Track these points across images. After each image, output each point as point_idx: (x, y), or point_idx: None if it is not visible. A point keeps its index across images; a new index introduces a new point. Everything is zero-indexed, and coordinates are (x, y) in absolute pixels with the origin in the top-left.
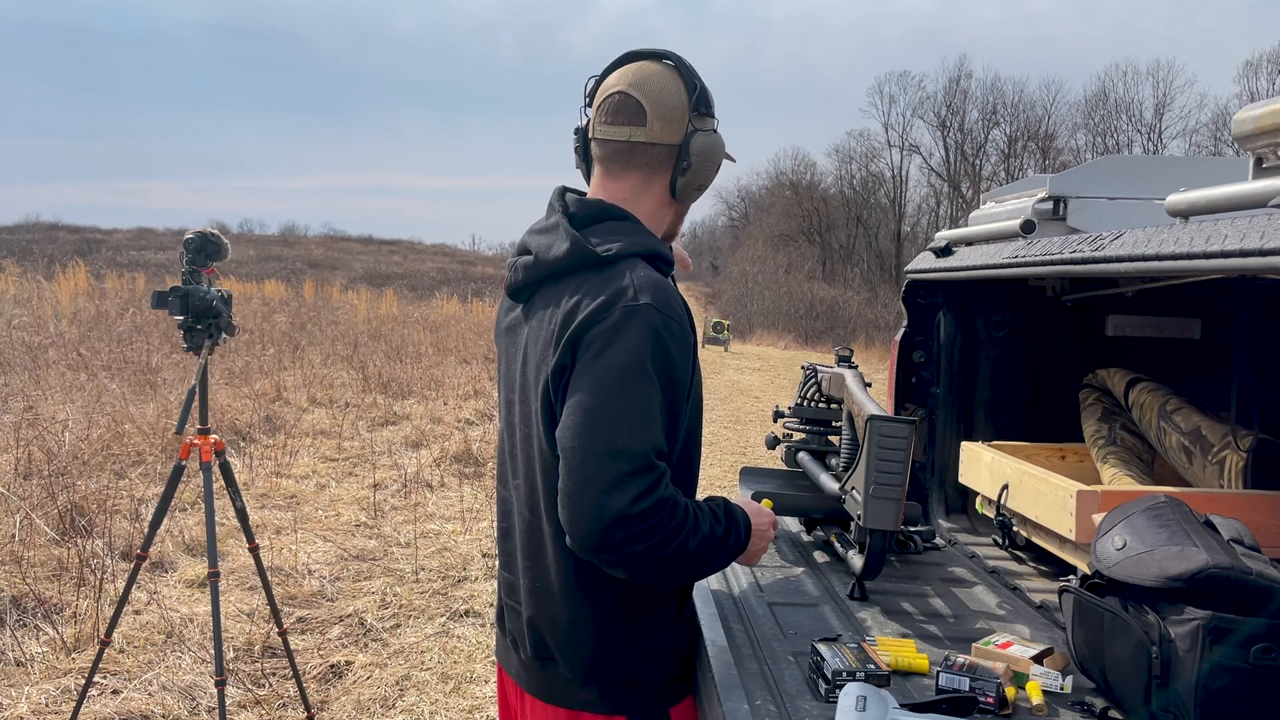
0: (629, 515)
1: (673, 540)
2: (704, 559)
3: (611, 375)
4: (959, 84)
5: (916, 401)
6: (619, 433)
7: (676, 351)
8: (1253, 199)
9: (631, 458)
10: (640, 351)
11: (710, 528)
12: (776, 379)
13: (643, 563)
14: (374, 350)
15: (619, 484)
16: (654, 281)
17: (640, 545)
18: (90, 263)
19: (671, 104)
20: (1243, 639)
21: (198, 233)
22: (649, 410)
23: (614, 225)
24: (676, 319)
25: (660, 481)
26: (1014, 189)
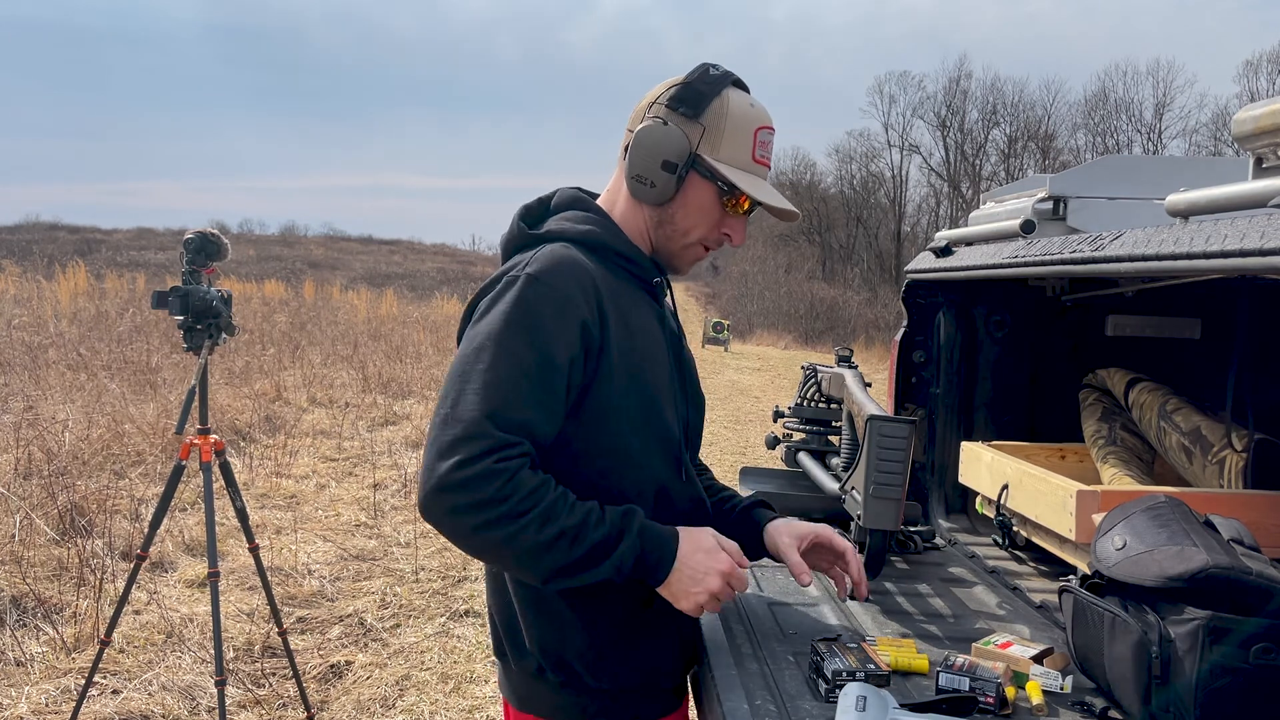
0: (451, 481)
1: (507, 522)
2: (557, 557)
3: (472, 341)
4: (959, 84)
5: (916, 401)
6: (461, 397)
7: (554, 324)
8: (1253, 199)
9: (466, 423)
10: (504, 319)
11: (576, 527)
12: (776, 379)
13: (472, 540)
14: (374, 350)
15: (450, 448)
16: (555, 257)
17: (465, 519)
18: (90, 263)
19: (647, 97)
20: (1243, 639)
21: (198, 233)
22: (499, 378)
23: (571, 214)
24: (559, 291)
25: (495, 452)
26: (1014, 189)
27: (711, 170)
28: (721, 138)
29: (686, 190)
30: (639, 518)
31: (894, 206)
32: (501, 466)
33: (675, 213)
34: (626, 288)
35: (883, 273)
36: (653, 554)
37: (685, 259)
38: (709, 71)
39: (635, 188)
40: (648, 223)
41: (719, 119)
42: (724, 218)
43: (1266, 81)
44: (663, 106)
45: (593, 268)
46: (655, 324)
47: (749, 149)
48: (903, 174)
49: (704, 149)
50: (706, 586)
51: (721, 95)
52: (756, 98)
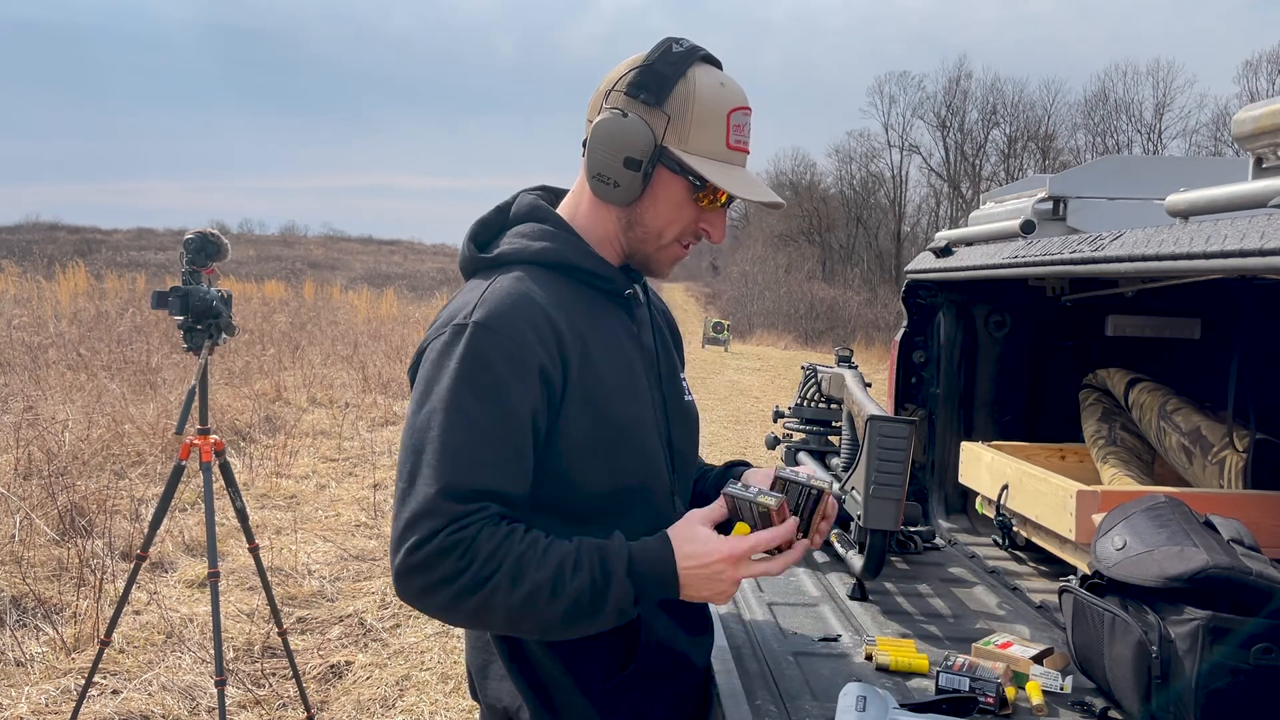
0: (411, 565)
1: (473, 590)
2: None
3: (422, 404)
4: (959, 84)
5: (916, 401)
6: (415, 472)
7: (509, 376)
8: (1253, 199)
9: (420, 501)
10: (453, 376)
11: (551, 579)
12: (776, 379)
13: (455, 613)
14: (374, 350)
15: (406, 529)
16: (504, 296)
17: (434, 598)
18: (90, 263)
19: (603, 84)
20: (1243, 639)
21: (198, 233)
22: (453, 445)
23: (527, 228)
24: (511, 338)
25: (447, 526)
26: (1014, 189)
27: (680, 163)
28: (689, 126)
29: (655, 187)
30: (621, 554)
31: (894, 207)
32: (457, 538)
33: (644, 213)
34: (592, 309)
35: (883, 273)
36: (651, 584)
37: (662, 260)
38: (671, 49)
39: (598, 187)
40: (616, 225)
41: (685, 105)
42: (700, 213)
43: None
44: (621, 95)
45: (549, 297)
46: (628, 345)
47: (722, 135)
48: (903, 174)
49: (670, 140)
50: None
51: (687, 76)
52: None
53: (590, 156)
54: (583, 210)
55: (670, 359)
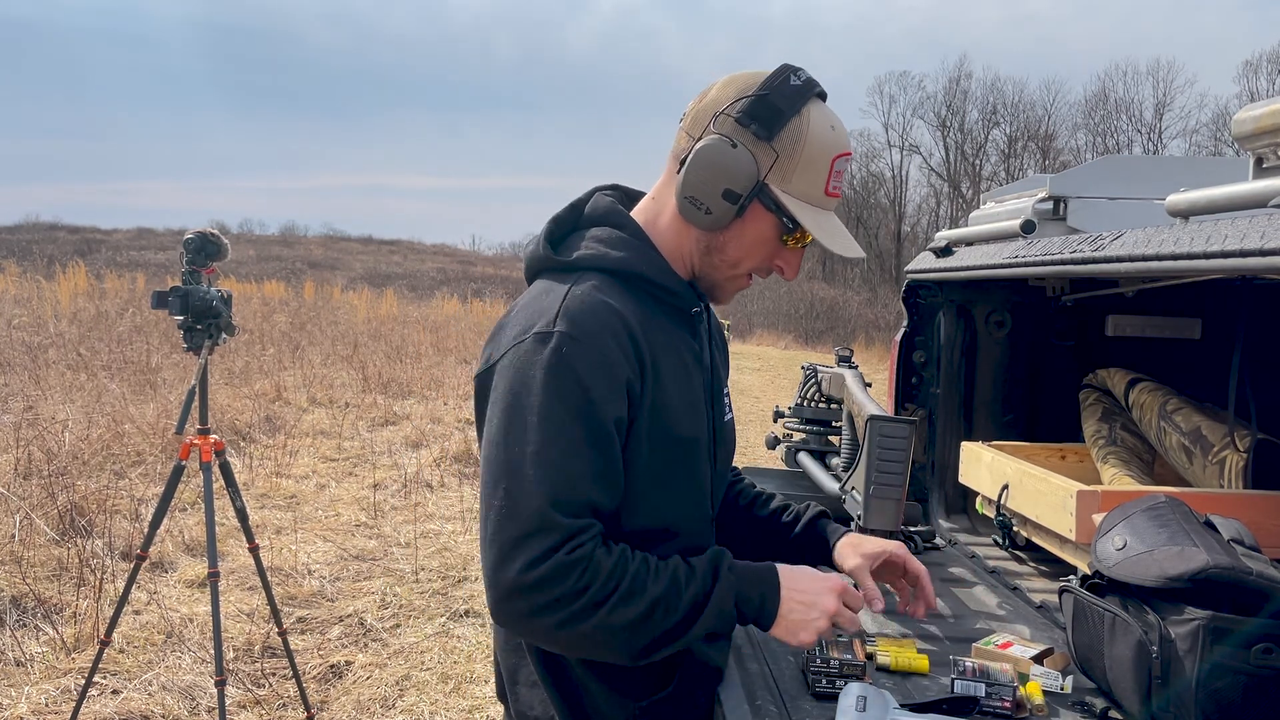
0: (523, 584)
1: (592, 610)
2: (653, 628)
3: (510, 417)
4: (959, 84)
5: (916, 401)
6: (516, 487)
7: (599, 388)
8: (1253, 199)
9: (527, 516)
10: (544, 389)
11: (666, 593)
12: (776, 379)
13: (558, 638)
14: (374, 350)
15: (514, 548)
16: (587, 307)
17: (546, 618)
18: (90, 263)
19: (713, 99)
20: (1243, 639)
21: (198, 233)
22: (553, 458)
23: (604, 234)
24: (599, 351)
25: (566, 543)
26: (1014, 189)
27: (777, 203)
28: (795, 167)
29: (745, 220)
30: (728, 560)
31: (894, 206)
32: (576, 556)
33: (728, 242)
34: (663, 324)
35: (883, 273)
36: (755, 593)
37: (729, 289)
38: (789, 80)
39: (687, 209)
40: (694, 246)
41: (795, 145)
42: (779, 250)
43: (1266, 81)
44: (731, 120)
45: (627, 309)
46: (691, 363)
47: (823, 181)
48: (903, 174)
49: (773, 178)
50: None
51: (801, 114)
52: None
53: (687, 178)
54: (662, 223)
55: (719, 377)
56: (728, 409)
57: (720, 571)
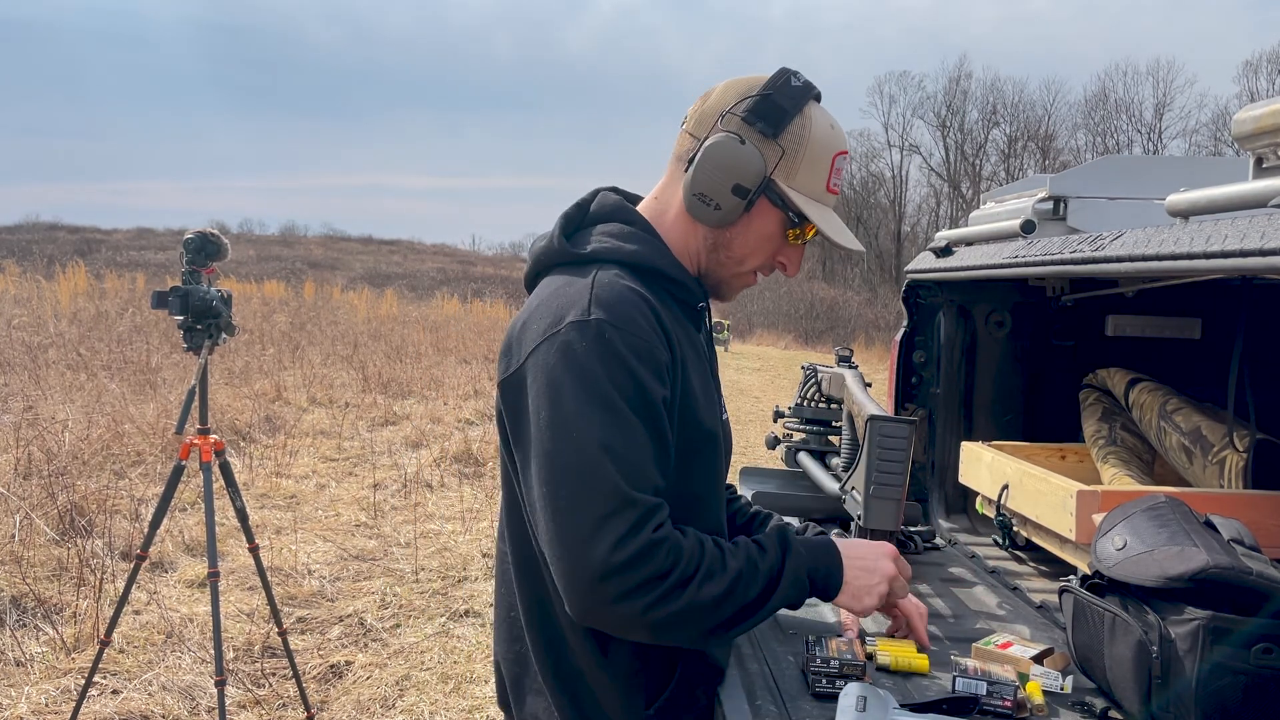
0: (613, 565)
1: (679, 590)
2: (740, 598)
3: (560, 410)
4: (959, 84)
5: (916, 401)
6: (587, 472)
7: (643, 370)
8: (1253, 199)
9: (605, 496)
10: (598, 377)
11: (745, 565)
12: (776, 379)
13: (646, 622)
14: (374, 350)
15: (595, 531)
16: (617, 294)
17: (638, 601)
18: (90, 263)
19: (717, 100)
20: (1243, 639)
21: (198, 233)
22: (618, 441)
23: (615, 228)
24: (637, 334)
25: (648, 520)
26: (1014, 189)
27: (783, 198)
28: (799, 164)
29: (752, 216)
30: (793, 534)
31: (894, 206)
32: (661, 535)
33: (734, 238)
34: (676, 316)
35: (883, 273)
36: (822, 564)
37: (735, 286)
38: (790, 82)
39: (696, 206)
40: (701, 244)
41: (799, 142)
42: (783, 246)
43: (1266, 81)
44: (738, 118)
45: (654, 301)
46: (702, 358)
47: (825, 177)
48: (903, 174)
49: (779, 174)
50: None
51: (804, 114)
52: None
53: (696, 175)
54: (669, 220)
55: (717, 375)
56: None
57: (791, 545)
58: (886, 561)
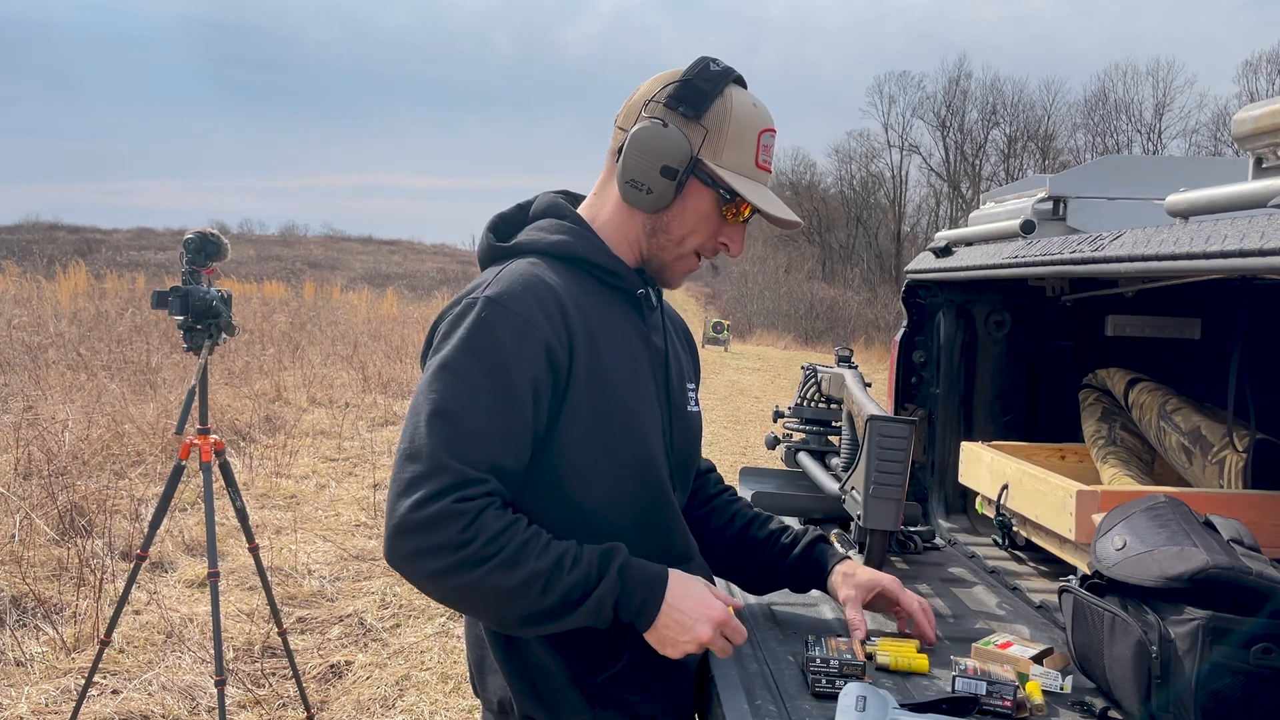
0: (410, 522)
1: (469, 567)
2: (527, 604)
3: (430, 371)
4: (958, 84)
5: (916, 401)
6: (418, 432)
7: (514, 349)
8: (1253, 199)
9: (423, 458)
10: (461, 346)
11: (548, 571)
12: (776, 379)
13: (434, 587)
14: (374, 350)
15: (409, 486)
16: (516, 276)
17: (426, 563)
18: (90, 263)
19: (642, 93)
20: (1243, 639)
21: (198, 233)
22: (458, 409)
23: (545, 223)
24: (519, 313)
25: (456, 489)
26: (1014, 189)
27: (713, 176)
28: (724, 141)
29: (685, 197)
30: (621, 556)
31: (894, 206)
32: (464, 507)
33: (671, 221)
34: (603, 302)
35: (883, 273)
36: (636, 597)
37: (678, 270)
38: (709, 67)
39: (629, 193)
40: (640, 231)
41: (722, 121)
42: (722, 226)
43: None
44: (660, 105)
45: (561, 284)
46: (636, 342)
47: (752, 153)
48: (903, 174)
49: (705, 153)
50: (696, 635)
51: (724, 94)
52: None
53: (625, 162)
54: (606, 212)
55: (680, 366)
56: (692, 402)
57: (609, 568)
58: (705, 627)
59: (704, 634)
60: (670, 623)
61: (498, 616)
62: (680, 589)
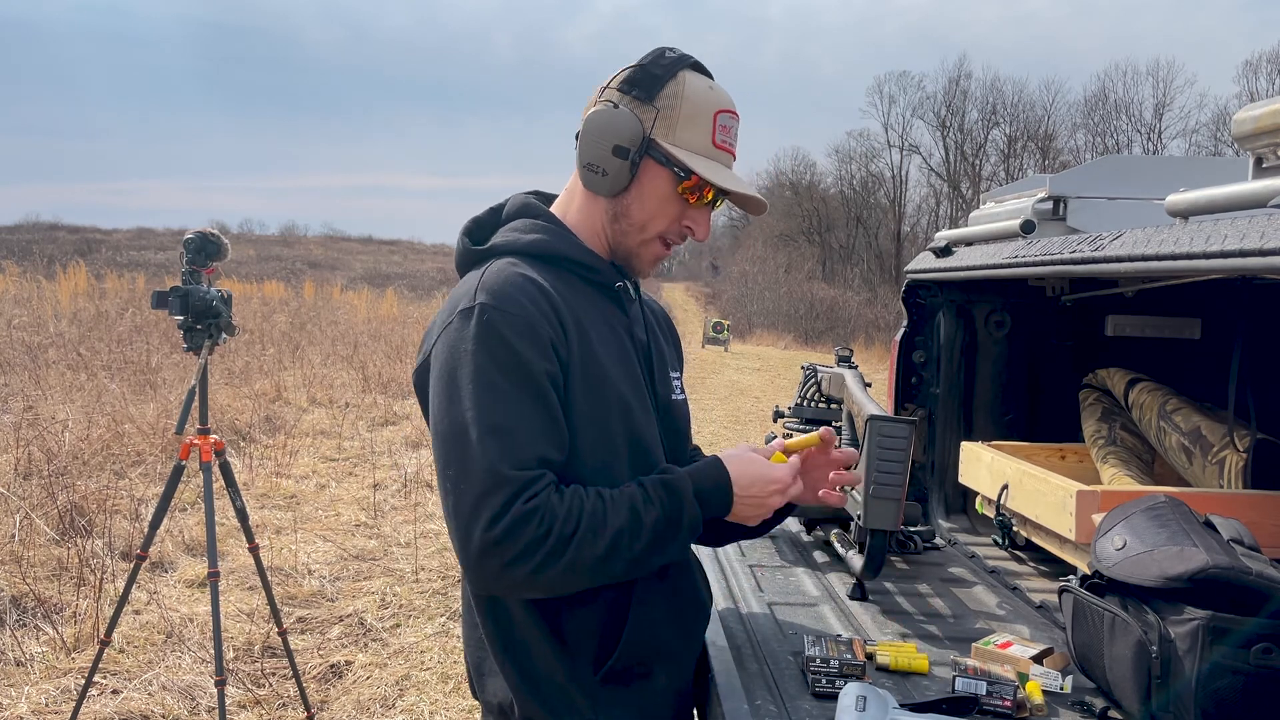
0: (489, 541)
1: (563, 551)
2: (625, 553)
3: (449, 390)
4: (958, 84)
5: (916, 401)
6: (465, 454)
7: (525, 348)
8: (1253, 199)
9: (479, 477)
10: (474, 358)
11: (629, 521)
12: (776, 379)
13: (538, 583)
14: (374, 350)
15: (474, 510)
16: (504, 278)
17: (521, 568)
18: (90, 263)
19: (602, 83)
20: (1243, 639)
21: (198, 233)
22: (495, 421)
23: (519, 223)
24: (518, 314)
25: (519, 495)
26: (1014, 189)
27: (667, 155)
28: (677, 121)
29: (642, 179)
30: (684, 481)
31: (894, 206)
32: (531, 505)
33: (631, 204)
34: (585, 298)
35: (883, 273)
36: (713, 506)
37: (644, 257)
38: (664, 54)
39: (587, 177)
40: (604, 217)
41: (674, 101)
42: (685, 210)
43: (1266, 81)
44: (615, 90)
45: (545, 281)
46: (619, 334)
47: (708, 133)
48: (903, 174)
49: (659, 133)
50: (772, 507)
51: (677, 78)
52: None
53: (581, 146)
54: (574, 206)
55: (662, 356)
56: (677, 390)
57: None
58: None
59: (776, 504)
60: (747, 508)
61: (609, 578)
62: (744, 477)
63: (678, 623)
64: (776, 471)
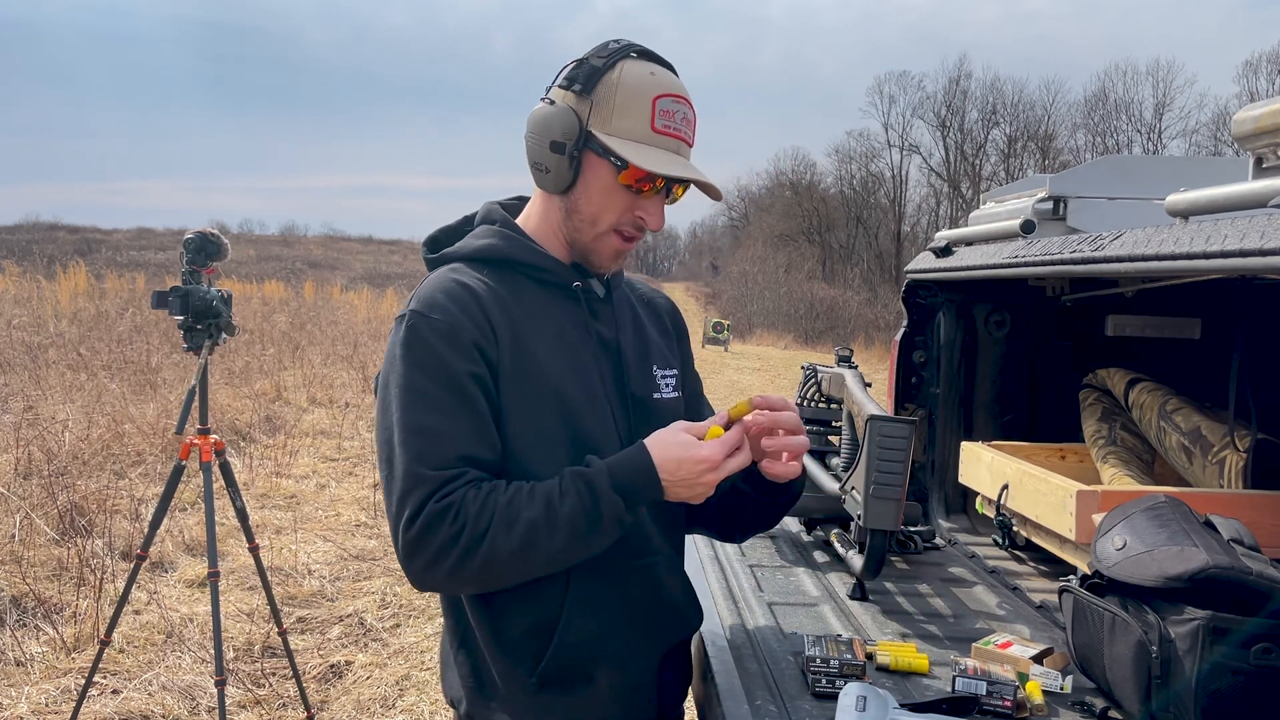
0: (410, 539)
1: (477, 546)
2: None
3: (383, 397)
4: (958, 84)
5: (916, 401)
6: (390, 456)
7: (448, 352)
8: (1253, 199)
9: (400, 478)
10: (401, 362)
11: (542, 514)
12: (776, 379)
13: (463, 579)
14: (374, 350)
15: (398, 509)
16: (434, 286)
17: (441, 566)
18: (90, 263)
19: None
20: (1243, 639)
21: (198, 233)
22: (416, 423)
23: (478, 230)
24: (442, 320)
25: (433, 494)
26: (1014, 189)
27: (604, 146)
28: (613, 110)
29: (585, 173)
30: (601, 472)
31: (894, 206)
32: (445, 503)
33: (579, 199)
34: (533, 300)
35: (883, 273)
36: (637, 494)
37: (602, 252)
38: (607, 46)
39: (536, 176)
40: (559, 216)
41: (610, 91)
42: (635, 201)
43: (1266, 81)
44: (557, 88)
45: (481, 285)
46: (574, 335)
47: (646, 119)
48: (903, 174)
49: (594, 124)
50: (706, 487)
51: (616, 67)
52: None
53: (526, 148)
54: (535, 209)
55: (643, 353)
56: (665, 388)
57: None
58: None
59: (711, 481)
60: (677, 492)
61: (528, 573)
62: (670, 461)
63: (628, 624)
64: (703, 451)
